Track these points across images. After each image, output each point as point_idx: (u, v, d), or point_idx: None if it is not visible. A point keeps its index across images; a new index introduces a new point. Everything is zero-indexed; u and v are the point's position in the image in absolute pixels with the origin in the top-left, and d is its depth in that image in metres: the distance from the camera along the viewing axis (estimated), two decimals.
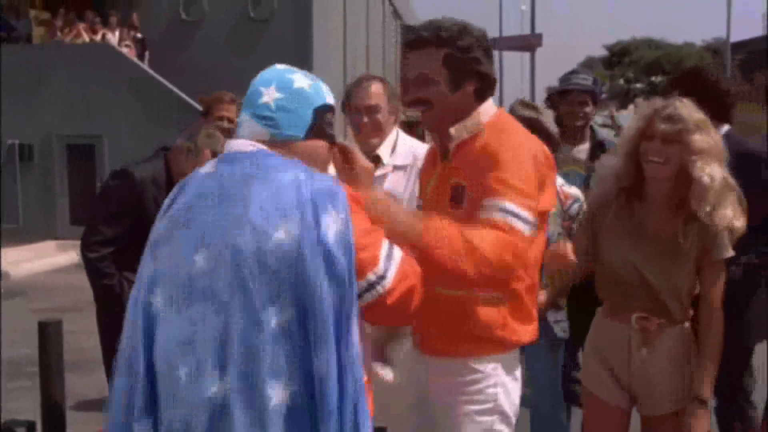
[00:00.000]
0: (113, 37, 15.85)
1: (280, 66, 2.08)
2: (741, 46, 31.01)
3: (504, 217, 2.08)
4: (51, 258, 12.76)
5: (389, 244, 1.95)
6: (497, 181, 2.14)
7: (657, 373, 2.70)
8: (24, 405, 4.11)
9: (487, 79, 2.35)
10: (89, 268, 3.80)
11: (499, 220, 2.07)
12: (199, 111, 4.72)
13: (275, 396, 1.78)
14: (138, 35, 16.21)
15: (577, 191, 3.50)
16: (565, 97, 4.19)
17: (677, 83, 3.42)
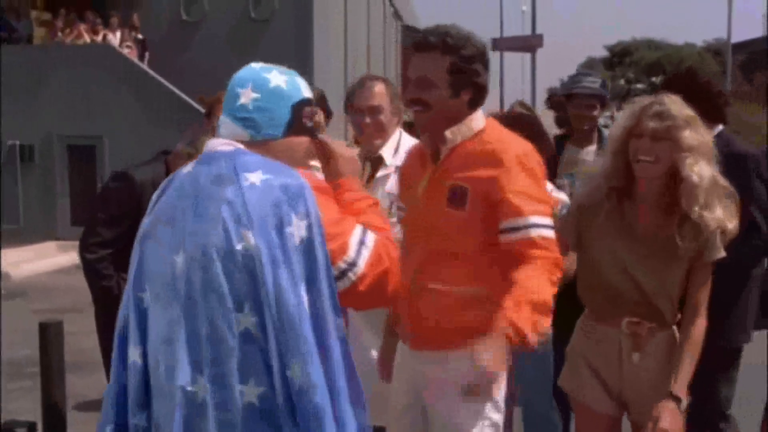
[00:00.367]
0: (114, 38, 15.84)
1: (255, 64, 2.09)
2: (742, 46, 31.04)
3: (538, 233, 2.29)
4: (51, 259, 12.74)
5: (362, 229, 1.97)
6: (517, 197, 2.32)
7: (649, 379, 2.63)
8: (25, 405, 4.11)
9: (483, 90, 2.48)
10: (88, 269, 3.80)
11: (535, 236, 2.29)
12: (200, 111, 4.71)
13: (245, 396, 1.81)
14: (138, 36, 16.20)
15: (565, 197, 3.46)
16: (573, 100, 4.16)
17: (670, 85, 3.40)
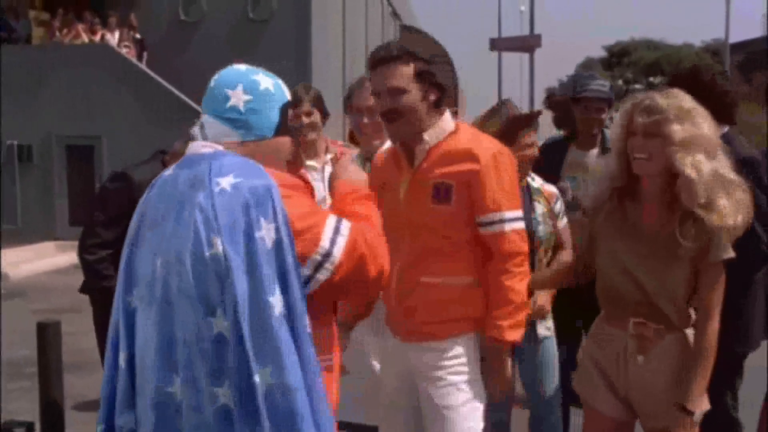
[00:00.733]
0: (112, 38, 15.82)
1: (239, 66, 2.11)
2: (740, 47, 30.99)
3: (511, 227, 2.61)
4: (50, 259, 12.75)
5: (336, 219, 1.97)
6: (493, 193, 2.58)
7: (655, 383, 2.55)
8: (23, 406, 4.11)
9: (445, 90, 2.66)
10: (87, 270, 3.80)
11: (508, 230, 2.60)
12: (199, 111, 4.70)
13: (219, 399, 1.82)
14: (137, 36, 16.19)
15: (553, 188, 3.52)
16: (582, 103, 4.12)
17: (673, 84, 3.35)
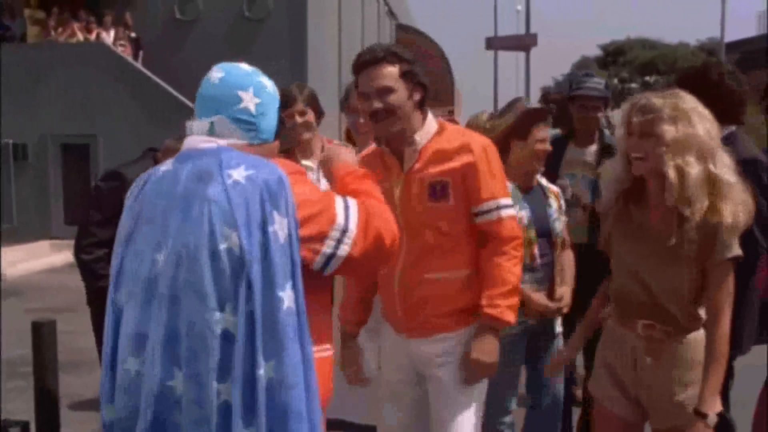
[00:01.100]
0: (108, 37, 15.78)
1: (244, 66, 2.09)
2: (735, 46, 31.08)
3: (507, 213, 2.74)
4: (46, 258, 12.73)
5: (342, 198, 2.01)
6: (489, 182, 2.69)
7: (664, 384, 2.55)
8: (19, 405, 4.10)
9: (427, 90, 2.74)
10: (84, 270, 3.79)
11: (504, 216, 2.72)
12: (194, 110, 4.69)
13: (221, 395, 1.83)
14: (132, 34, 16.15)
15: (554, 186, 3.55)
16: (578, 101, 4.13)
17: (682, 82, 3.30)
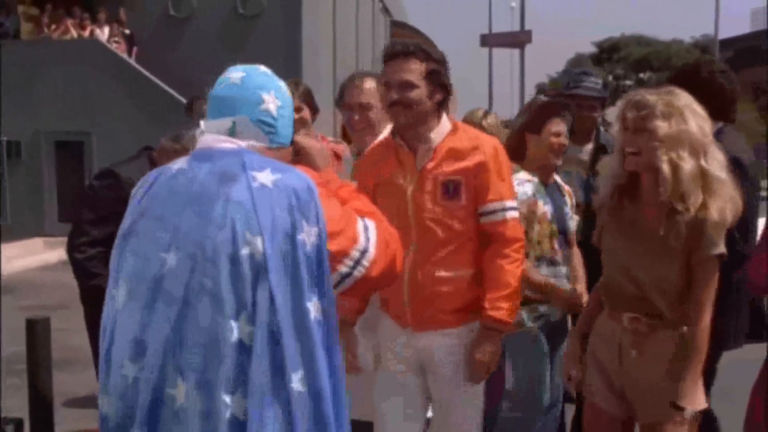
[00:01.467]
0: (102, 34, 15.74)
1: (262, 67, 2.05)
2: (729, 43, 31.16)
3: (511, 215, 2.85)
4: (39, 255, 12.69)
5: (360, 217, 1.98)
6: (497, 184, 2.80)
7: (649, 378, 2.58)
8: (13, 403, 4.09)
9: (449, 92, 2.84)
10: (77, 268, 3.78)
11: (509, 218, 2.84)
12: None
13: (230, 408, 1.72)
14: (126, 31, 16.11)
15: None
16: (575, 100, 4.10)
17: (675, 79, 3.31)
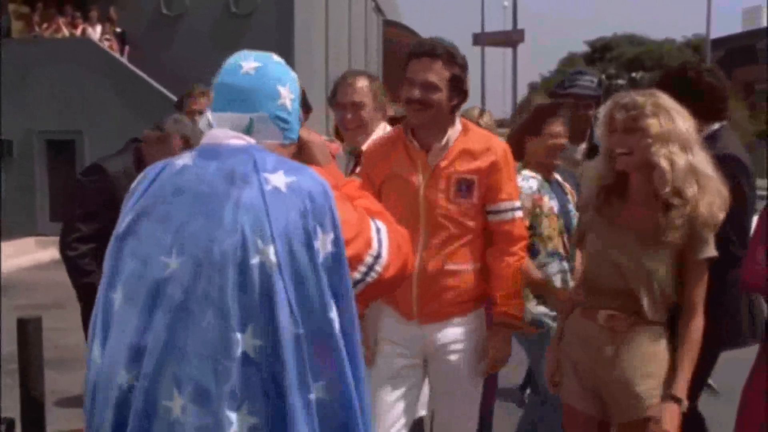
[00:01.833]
0: (94, 32, 15.70)
1: (275, 56, 1.91)
2: (721, 42, 31.27)
3: (519, 214, 3.01)
4: (31, 254, 12.63)
5: (372, 220, 1.89)
6: (506, 184, 2.93)
7: (624, 377, 2.60)
8: (5, 403, 4.07)
9: (466, 97, 2.92)
10: (70, 266, 3.77)
11: (517, 217, 3.00)
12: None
13: (233, 425, 1.60)
14: (117, 30, 16.06)
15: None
16: (570, 99, 4.12)
17: (663, 81, 3.35)
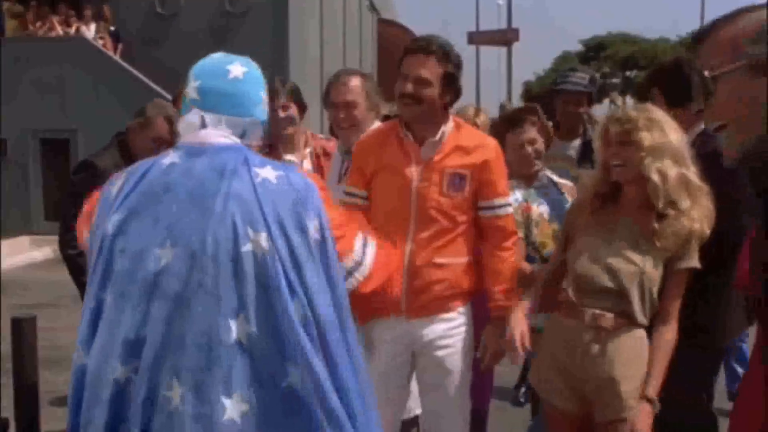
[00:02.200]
0: (88, 31, 15.66)
1: (250, 60, 2.00)
2: None
3: (510, 210, 3.05)
4: (26, 253, 12.60)
5: (363, 234, 1.96)
6: (499, 180, 2.97)
7: (610, 375, 2.66)
8: (1, 403, 4.08)
9: (459, 94, 2.94)
10: (70, 265, 3.78)
11: (510, 212, 3.04)
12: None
13: (227, 411, 1.65)
14: (111, 28, 16.03)
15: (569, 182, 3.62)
16: (562, 96, 4.20)
17: (654, 79, 3.45)
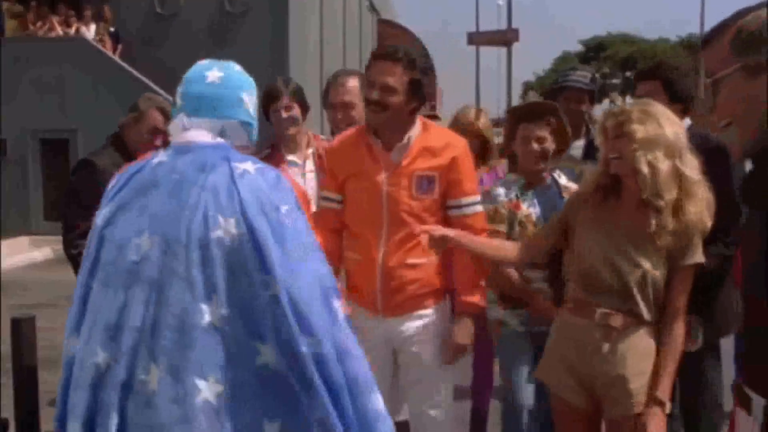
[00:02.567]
0: (88, 31, 15.67)
1: (234, 64, 2.04)
2: None
3: (479, 208, 3.07)
4: (26, 253, 12.63)
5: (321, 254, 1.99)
6: (467, 179, 3.01)
7: (620, 372, 2.67)
8: (1, 403, 4.09)
9: (424, 101, 2.98)
10: (75, 264, 3.79)
11: (479, 210, 3.07)
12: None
13: (201, 393, 1.71)
14: (111, 29, 16.03)
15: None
16: (563, 94, 4.19)
17: (640, 77, 3.58)
